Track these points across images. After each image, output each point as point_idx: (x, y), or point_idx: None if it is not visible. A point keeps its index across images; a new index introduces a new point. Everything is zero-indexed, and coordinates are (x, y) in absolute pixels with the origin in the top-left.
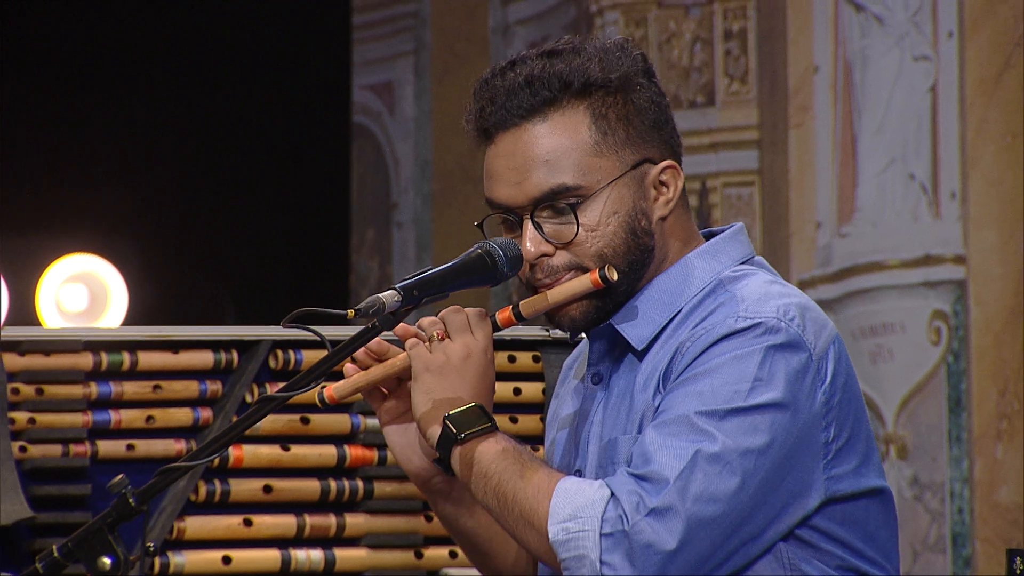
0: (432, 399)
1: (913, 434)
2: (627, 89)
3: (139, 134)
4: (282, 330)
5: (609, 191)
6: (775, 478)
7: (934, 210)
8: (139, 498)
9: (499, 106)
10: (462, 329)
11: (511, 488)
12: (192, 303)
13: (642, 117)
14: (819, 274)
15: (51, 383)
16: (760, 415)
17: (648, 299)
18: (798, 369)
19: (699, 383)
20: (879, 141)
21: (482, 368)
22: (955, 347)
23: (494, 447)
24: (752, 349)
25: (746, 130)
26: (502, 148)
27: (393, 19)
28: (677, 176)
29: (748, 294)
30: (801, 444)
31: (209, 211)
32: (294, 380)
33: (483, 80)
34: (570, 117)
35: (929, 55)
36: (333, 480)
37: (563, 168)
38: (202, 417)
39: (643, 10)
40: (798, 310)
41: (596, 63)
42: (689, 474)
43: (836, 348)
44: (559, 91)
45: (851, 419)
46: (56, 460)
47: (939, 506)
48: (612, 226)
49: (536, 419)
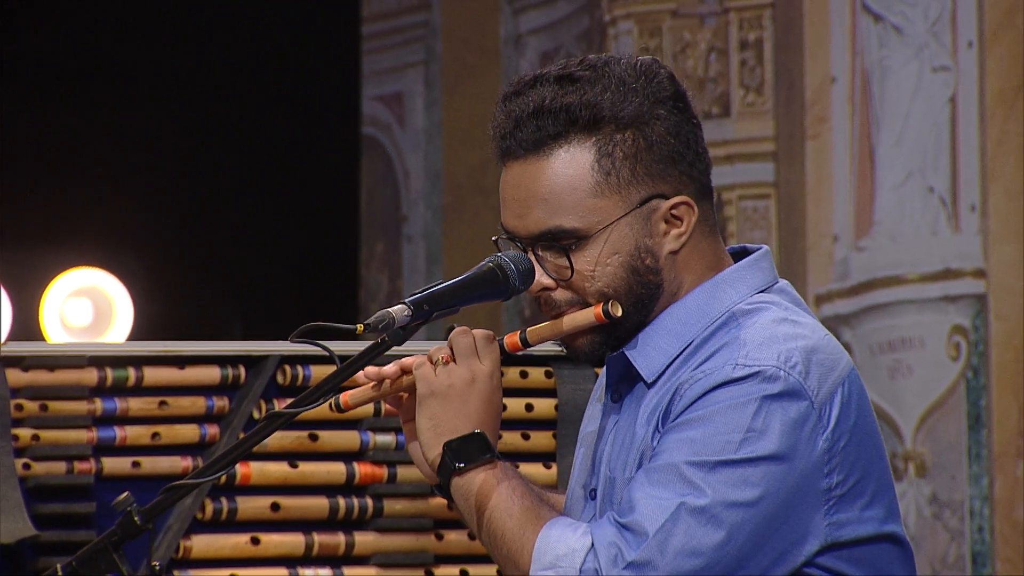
0: (434, 424)
1: (932, 451)
2: (639, 124)
3: (145, 145)
4: (290, 345)
5: (609, 231)
6: (766, 530)
7: (953, 223)
8: (144, 516)
9: (508, 133)
10: (468, 353)
11: (500, 527)
12: (198, 318)
13: (653, 152)
14: (836, 288)
15: (55, 399)
16: (751, 468)
17: (660, 329)
18: (796, 419)
19: (692, 431)
20: (897, 153)
21: (487, 394)
22: (975, 363)
23: (491, 481)
24: (748, 399)
25: (762, 142)
26: (509, 177)
27: (403, 29)
28: (691, 211)
29: (751, 337)
30: (798, 494)
31: (216, 224)
32: (302, 396)
33: (505, 95)
34: (574, 155)
35: (948, 65)
36: (342, 498)
37: (562, 209)
38: (209, 434)
39: (657, 20)
40: (802, 355)
41: (610, 95)
42: (671, 527)
43: (845, 389)
44: (565, 126)
45: (861, 462)
46: (60, 477)
47: (958, 525)
48: (612, 266)
49: (548, 436)
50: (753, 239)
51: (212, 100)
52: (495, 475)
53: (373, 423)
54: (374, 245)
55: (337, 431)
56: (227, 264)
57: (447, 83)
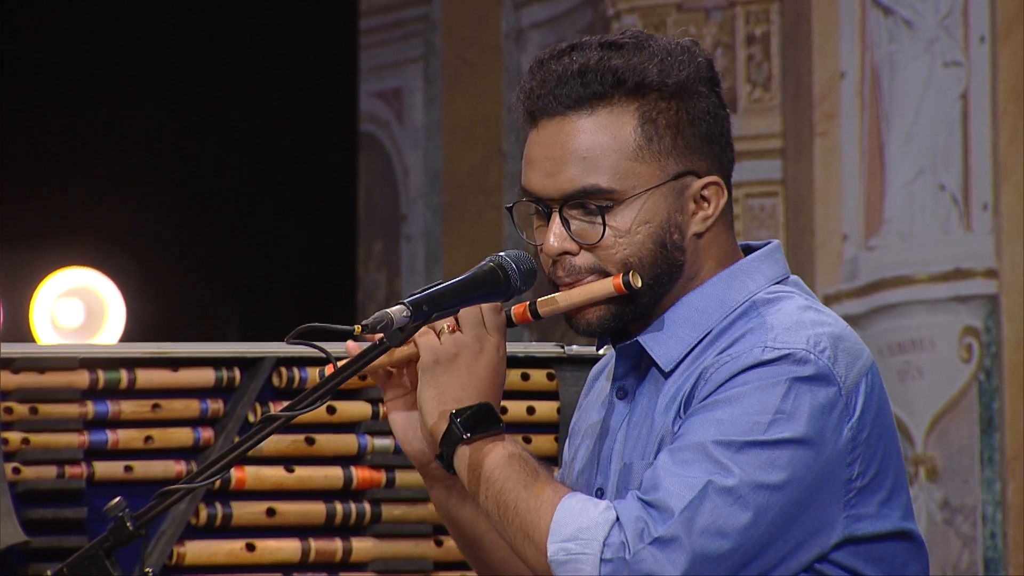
0: (439, 393)
1: (943, 455)
2: (683, 96)
3: (137, 142)
4: (286, 347)
5: (644, 199)
6: (790, 516)
7: (965, 222)
8: (137, 522)
9: (548, 91)
10: (475, 322)
11: (513, 497)
12: (193, 318)
13: (694, 127)
14: (845, 288)
15: (46, 402)
16: (779, 450)
17: (677, 317)
18: (824, 404)
19: (719, 411)
20: (908, 150)
21: (493, 364)
22: (987, 364)
23: (500, 451)
24: (777, 380)
25: (769, 139)
26: (543, 135)
27: (402, 23)
28: (720, 193)
29: (779, 322)
30: (822, 482)
31: (210, 223)
32: (298, 399)
33: (539, 60)
34: (617, 116)
35: (960, 60)
36: (339, 503)
37: (600, 168)
38: (203, 437)
39: (662, 14)
40: (830, 340)
41: (656, 64)
42: (698, 505)
43: (869, 380)
44: (611, 87)
45: (880, 454)
46: (51, 482)
47: (971, 530)
48: (641, 235)
49: (551, 439)
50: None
51: (206, 96)
52: (504, 446)
53: (371, 426)
54: (372, 244)
55: (334, 435)
56: (222, 264)
57: (447, 79)
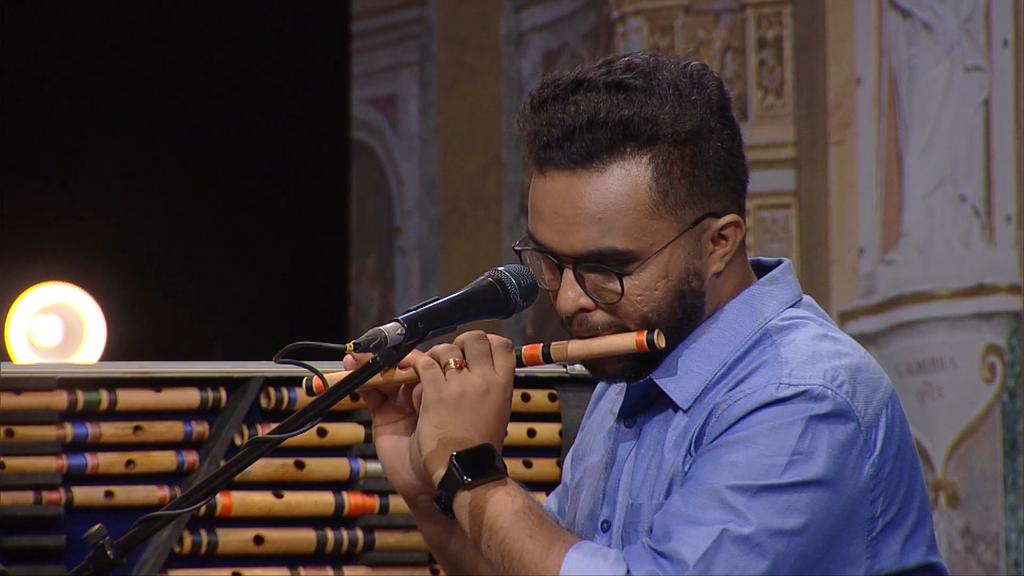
0: (441, 434)
1: (965, 480)
2: (696, 140)
3: (119, 151)
4: (274, 366)
5: (662, 255)
6: (810, 560)
7: (987, 235)
8: (118, 550)
9: (555, 140)
10: (483, 360)
11: (519, 548)
12: (176, 337)
13: (708, 168)
14: (861, 305)
15: (22, 424)
16: (797, 493)
17: (692, 351)
18: (843, 441)
19: (734, 452)
20: (927, 160)
21: (499, 407)
22: (1010, 385)
23: (503, 498)
24: (793, 419)
25: (782, 147)
26: (552, 189)
27: (396, 26)
28: (738, 230)
29: (793, 355)
30: (843, 522)
31: (195, 236)
32: (287, 421)
33: (540, 98)
34: (630, 171)
35: (982, 65)
36: (330, 530)
37: (615, 229)
38: (187, 461)
39: (669, 17)
40: (848, 373)
41: (668, 109)
42: (713, 555)
43: (889, 411)
44: (622, 140)
45: (903, 488)
46: (28, 508)
47: (993, 559)
48: (660, 291)
49: (552, 463)
50: (772, 252)
51: (191, 104)
52: (507, 492)
53: (364, 450)
54: (365, 259)
55: (325, 458)
56: (207, 279)
57: (444, 84)
